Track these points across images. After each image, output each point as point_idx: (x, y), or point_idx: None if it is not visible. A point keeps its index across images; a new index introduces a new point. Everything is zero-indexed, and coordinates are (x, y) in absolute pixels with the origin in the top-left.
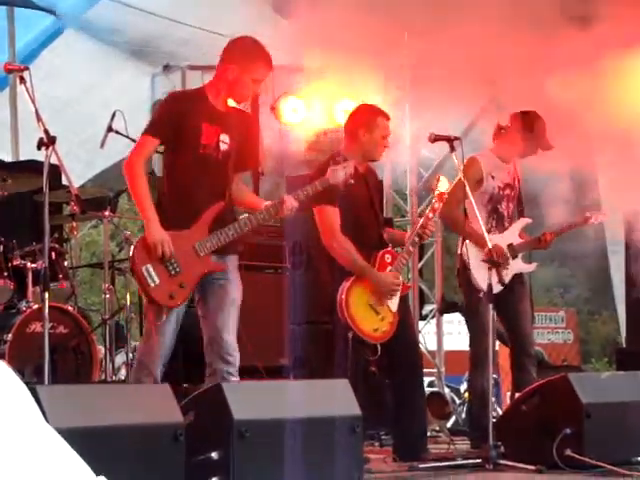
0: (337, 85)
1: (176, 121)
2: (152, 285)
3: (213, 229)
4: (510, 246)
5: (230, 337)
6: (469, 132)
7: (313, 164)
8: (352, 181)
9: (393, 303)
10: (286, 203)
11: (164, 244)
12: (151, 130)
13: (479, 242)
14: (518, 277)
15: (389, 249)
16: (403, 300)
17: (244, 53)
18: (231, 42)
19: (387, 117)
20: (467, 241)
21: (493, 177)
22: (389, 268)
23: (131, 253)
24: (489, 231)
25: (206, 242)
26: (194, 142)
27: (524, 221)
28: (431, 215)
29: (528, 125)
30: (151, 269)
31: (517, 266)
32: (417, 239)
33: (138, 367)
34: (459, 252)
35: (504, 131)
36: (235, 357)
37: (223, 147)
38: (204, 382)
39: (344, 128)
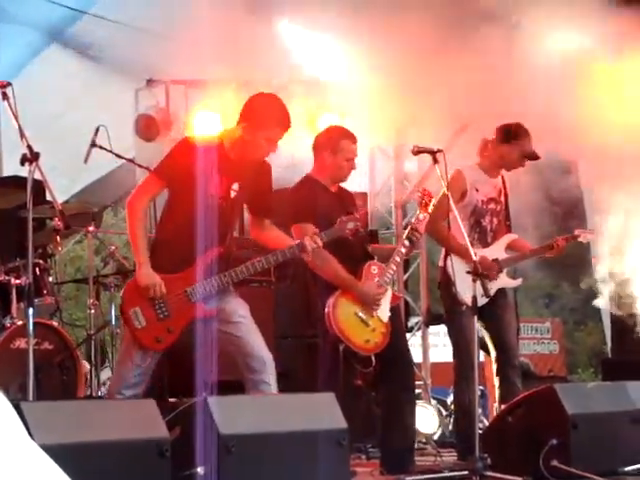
0: (320, 100)
1: (185, 168)
2: (139, 327)
3: (207, 275)
4: (495, 261)
5: (255, 350)
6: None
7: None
8: (362, 231)
9: (383, 313)
10: (307, 247)
11: (155, 286)
12: (159, 172)
13: (463, 255)
14: (500, 290)
15: (375, 261)
16: (394, 311)
17: (258, 112)
18: (250, 98)
19: (352, 140)
20: (451, 254)
21: (477, 190)
22: (376, 279)
23: (121, 294)
24: (471, 244)
25: (199, 287)
26: (201, 191)
27: (510, 237)
28: (422, 216)
29: (511, 137)
30: (139, 311)
31: (502, 281)
32: (404, 250)
33: (108, 396)
34: (441, 264)
35: (489, 145)
36: (264, 364)
37: (231, 195)
38: (189, 397)
39: (312, 149)
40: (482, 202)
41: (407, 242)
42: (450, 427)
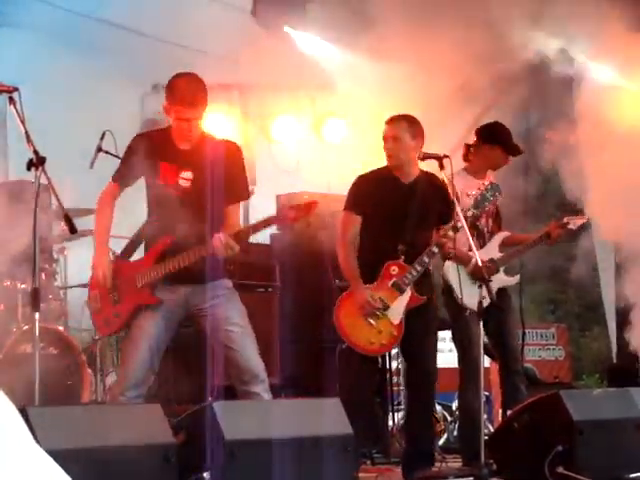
0: (326, 104)
1: (135, 164)
2: (94, 310)
3: (159, 261)
4: (491, 260)
5: (244, 361)
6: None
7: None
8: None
9: (394, 315)
10: (215, 242)
11: (98, 270)
12: (114, 176)
13: (464, 259)
14: (503, 294)
15: (399, 261)
16: (417, 313)
17: (167, 93)
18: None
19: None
20: (447, 261)
21: (468, 195)
22: (393, 280)
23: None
24: (470, 248)
25: (146, 274)
26: (153, 182)
27: (503, 234)
28: (451, 233)
29: (491, 136)
30: (98, 296)
31: (500, 280)
32: (436, 250)
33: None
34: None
35: (472, 148)
36: (255, 377)
37: (184, 184)
38: (194, 402)
39: None
40: None
41: (436, 249)
42: (455, 433)
